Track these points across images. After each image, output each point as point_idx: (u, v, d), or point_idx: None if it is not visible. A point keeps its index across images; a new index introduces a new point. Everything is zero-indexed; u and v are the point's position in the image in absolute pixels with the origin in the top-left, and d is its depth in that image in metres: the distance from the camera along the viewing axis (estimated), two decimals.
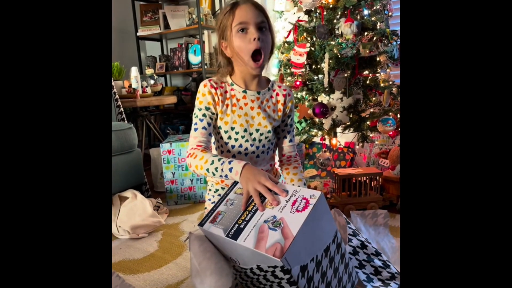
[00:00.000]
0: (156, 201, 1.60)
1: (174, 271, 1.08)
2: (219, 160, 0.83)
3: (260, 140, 0.96)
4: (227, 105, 0.93)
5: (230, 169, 0.79)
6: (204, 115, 0.92)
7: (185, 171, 1.70)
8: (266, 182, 0.72)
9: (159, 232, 1.40)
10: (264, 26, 0.88)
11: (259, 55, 0.88)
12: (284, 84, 1.05)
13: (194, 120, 0.93)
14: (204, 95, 0.92)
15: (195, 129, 0.92)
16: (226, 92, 0.94)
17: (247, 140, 0.95)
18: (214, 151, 0.99)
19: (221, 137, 0.95)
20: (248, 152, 0.96)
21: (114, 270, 0.80)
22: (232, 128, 0.94)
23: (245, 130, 0.94)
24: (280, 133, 1.05)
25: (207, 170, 0.84)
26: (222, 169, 0.81)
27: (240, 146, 0.95)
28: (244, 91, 0.94)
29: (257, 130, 0.95)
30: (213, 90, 0.92)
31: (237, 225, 0.68)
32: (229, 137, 0.94)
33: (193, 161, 0.87)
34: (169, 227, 1.44)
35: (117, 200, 1.48)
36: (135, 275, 1.08)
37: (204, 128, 0.91)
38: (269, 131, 0.97)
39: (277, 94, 1.00)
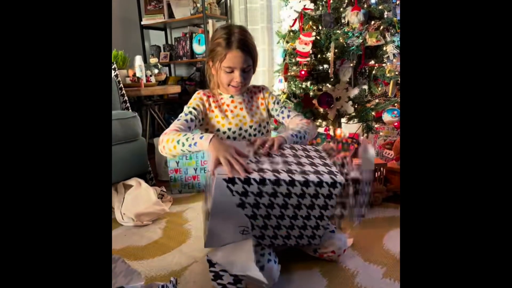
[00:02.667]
0: (160, 189, 1.61)
1: (178, 258, 1.10)
2: (192, 133, 0.92)
3: (255, 135, 1.11)
4: (220, 111, 1.09)
5: (201, 137, 0.87)
6: (190, 112, 1.04)
7: (189, 160, 1.71)
8: (237, 157, 0.81)
9: (163, 220, 1.41)
10: (248, 68, 1.03)
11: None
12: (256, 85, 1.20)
13: (179, 115, 1.04)
14: (195, 99, 1.09)
15: (178, 119, 1.02)
16: (217, 101, 1.10)
17: (244, 137, 1.09)
18: None
19: (221, 138, 1.07)
20: None
21: (119, 256, 0.81)
22: (229, 129, 1.08)
23: (240, 128, 1.09)
24: (279, 117, 1.17)
25: (178, 141, 0.91)
26: (193, 138, 0.89)
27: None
28: (231, 96, 1.11)
29: (250, 127, 1.10)
30: (204, 97, 1.09)
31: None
32: (228, 137, 1.08)
33: (165, 136, 0.95)
34: (173, 215, 1.46)
35: (122, 188, 1.49)
36: (139, 261, 1.09)
37: (186, 120, 1.02)
38: (259, 125, 1.12)
39: (255, 93, 1.17)
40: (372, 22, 1.58)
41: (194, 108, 1.06)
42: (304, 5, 1.78)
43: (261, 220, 0.86)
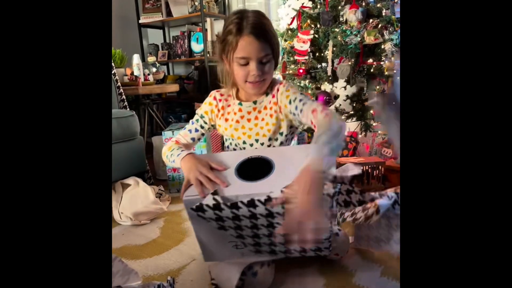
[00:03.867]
0: (158, 188, 1.61)
1: (175, 257, 1.09)
2: (178, 148, 0.90)
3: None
4: (226, 119, 0.96)
5: (178, 155, 0.86)
6: (197, 120, 1.00)
7: None
8: (208, 173, 0.76)
9: (161, 219, 1.40)
10: (266, 58, 0.84)
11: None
12: (283, 82, 0.96)
13: (190, 121, 1.02)
14: (205, 103, 0.99)
15: (184, 128, 1.00)
16: (229, 105, 0.96)
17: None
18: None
19: (230, 143, 1.00)
20: None
21: (116, 255, 0.80)
22: (231, 143, 0.99)
23: (244, 142, 0.95)
24: (299, 117, 0.87)
25: (167, 155, 0.92)
26: (172, 154, 0.89)
27: None
28: (240, 104, 0.94)
29: (256, 141, 0.94)
30: (214, 102, 0.97)
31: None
32: (236, 145, 0.98)
33: (164, 147, 0.96)
34: (171, 214, 1.45)
35: (120, 187, 1.48)
36: (137, 260, 1.09)
37: (190, 130, 0.99)
38: (269, 139, 0.93)
39: (273, 96, 0.92)
40: (370, 20, 1.58)
41: (202, 116, 0.98)
42: (302, 3, 1.77)
43: (250, 239, 0.79)
